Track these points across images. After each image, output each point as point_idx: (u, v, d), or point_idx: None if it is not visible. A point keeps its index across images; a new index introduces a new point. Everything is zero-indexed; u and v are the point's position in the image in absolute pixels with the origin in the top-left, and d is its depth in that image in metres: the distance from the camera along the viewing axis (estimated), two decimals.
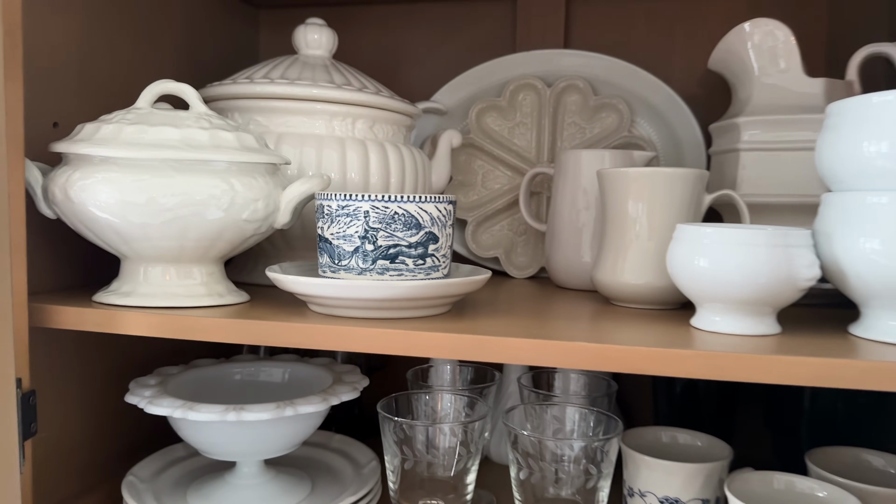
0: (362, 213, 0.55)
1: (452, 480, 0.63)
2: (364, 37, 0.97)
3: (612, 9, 0.91)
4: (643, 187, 0.63)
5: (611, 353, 0.49)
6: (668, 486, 0.63)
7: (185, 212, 0.56)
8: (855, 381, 0.46)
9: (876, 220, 0.49)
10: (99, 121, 0.59)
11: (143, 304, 0.58)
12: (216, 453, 0.64)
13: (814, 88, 0.70)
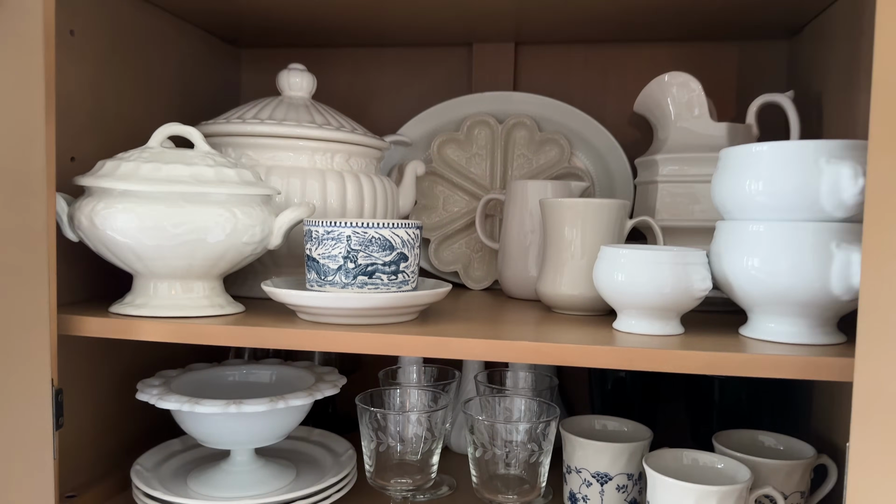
0: (345, 237, 0.66)
1: (419, 463, 0.74)
2: (337, 76, 1.08)
3: (554, 57, 1.03)
4: (576, 215, 0.75)
5: (550, 350, 0.60)
6: (599, 463, 0.74)
7: (194, 236, 0.65)
8: (737, 369, 0.58)
9: (756, 243, 0.62)
10: (117, 158, 0.68)
11: (156, 314, 0.68)
12: (215, 443, 0.74)
13: (719, 132, 0.83)
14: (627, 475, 0.75)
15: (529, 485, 0.71)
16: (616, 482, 0.74)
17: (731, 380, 0.85)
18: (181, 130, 0.71)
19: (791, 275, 0.59)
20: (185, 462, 0.82)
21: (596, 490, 0.75)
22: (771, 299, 0.62)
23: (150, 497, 0.71)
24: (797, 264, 0.59)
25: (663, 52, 1.00)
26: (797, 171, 0.59)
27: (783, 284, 0.60)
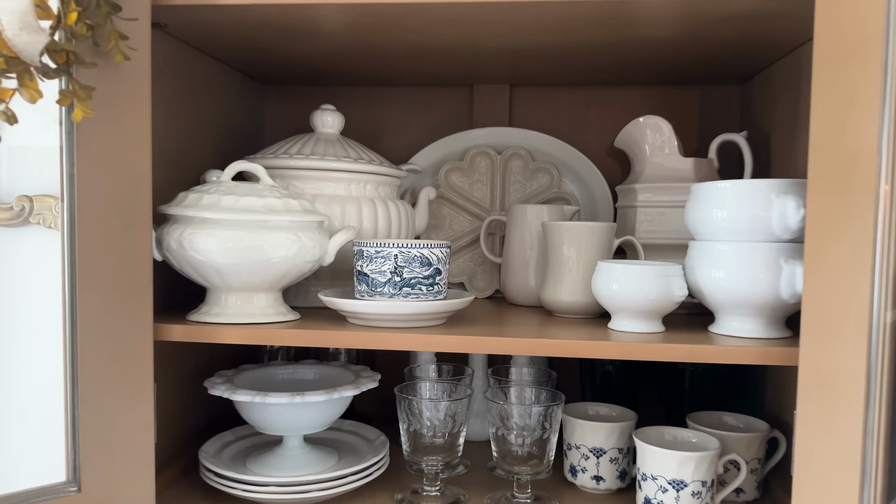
0: (392, 256, 0.79)
1: (446, 443, 0.87)
2: (353, 110, 1.20)
3: (543, 97, 1.18)
4: (573, 236, 0.90)
5: (564, 345, 0.74)
6: (595, 440, 0.89)
7: (266, 256, 0.78)
8: (709, 357, 0.74)
9: (721, 259, 0.77)
10: (197, 191, 0.80)
11: (232, 321, 0.80)
12: (276, 430, 0.86)
13: (686, 165, 0.99)
14: (618, 449, 0.89)
15: (538, 459, 0.85)
16: (609, 455, 0.89)
17: (698, 370, 1.01)
18: (249, 167, 0.84)
19: (749, 284, 0.75)
20: (240, 449, 0.94)
21: (593, 462, 0.89)
22: (733, 303, 0.78)
23: (221, 476, 0.83)
24: (754, 276, 0.75)
25: (636, 95, 1.16)
26: (753, 203, 0.75)
27: (743, 292, 0.75)
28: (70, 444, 0.69)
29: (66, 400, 0.69)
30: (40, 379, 0.71)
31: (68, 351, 0.69)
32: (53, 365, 0.70)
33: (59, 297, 0.84)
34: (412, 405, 0.85)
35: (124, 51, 0.67)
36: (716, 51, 0.93)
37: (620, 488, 0.91)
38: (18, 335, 0.73)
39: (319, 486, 0.82)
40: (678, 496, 0.79)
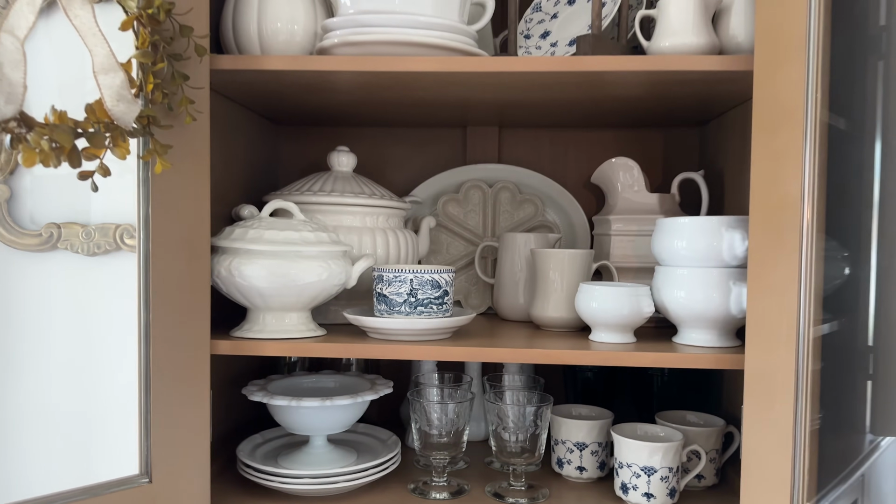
0: (408, 280, 0.93)
1: (452, 440, 1.00)
2: (361, 148, 1.33)
3: (528, 137, 1.33)
4: (558, 262, 1.04)
5: (555, 354, 0.89)
6: (578, 436, 1.03)
7: (302, 282, 0.91)
8: (673, 363, 0.88)
9: (682, 282, 0.92)
10: (242, 226, 0.93)
11: (271, 336, 0.93)
12: (306, 430, 0.98)
13: (652, 200, 1.14)
14: (598, 443, 1.03)
15: (530, 452, 0.99)
16: (590, 448, 1.03)
17: (665, 375, 1.16)
18: (284, 205, 0.97)
19: (705, 302, 0.90)
20: (270, 449, 1.06)
21: (577, 455, 1.03)
22: (692, 318, 0.93)
23: (259, 471, 0.95)
24: (708, 295, 0.90)
25: (609, 136, 1.31)
26: (707, 236, 0.90)
27: (700, 309, 0.90)
28: (144, 442, 0.81)
29: (140, 405, 0.81)
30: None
31: (143, 362, 0.81)
32: (82, 374, 0.82)
33: (88, 314, 0.97)
34: (423, 408, 0.99)
35: (192, 113, 0.80)
36: (676, 104, 1.08)
37: (600, 477, 1.05)
38: (43, 350, 0.86)
39: (345, 479, 0.95)
40: (649, 480, 0.93)
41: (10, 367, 1.03)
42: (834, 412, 1.07)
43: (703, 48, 0.89)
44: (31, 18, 0.68)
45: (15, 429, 1.00)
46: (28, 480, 0.91)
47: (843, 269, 1.08)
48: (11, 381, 1.04)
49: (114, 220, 1.35)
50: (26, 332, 1.09)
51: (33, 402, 1.02)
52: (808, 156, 0.74)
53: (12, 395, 1.04)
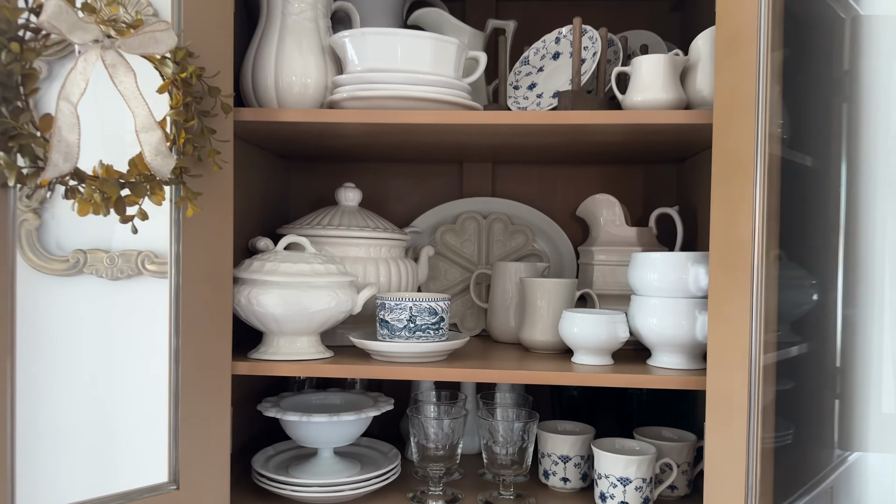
0: (408, 307, 1.03)
1: (447, 453, 1.10)
2: (364, 182, 1.43)
3: (519, 173, 1.43)
4: (545, 290, 1.14)
5: (534, 374, 0.98)
6: (562, 449, 1.12)
7: (313, 309, 1.01)
8: (646, 384, 0.98)
9: (654, 310, 1.02)
10: (259, 259, 1.03)
11: (284, 358, 1.02)
12: (315, 443, 1.08)
13: (631, 233, 1.24)
14: (581, 456, 1.13)
15: (518, 464, 1.08)
16: (574, 461, 1.12)
17: (643, 394, 1.25)
18: (297, 239, 1.07)
19: (674, 329, 1.00)
20: (281, 460, 1.15)
21: (561, 467, 1.13)
22: (663, 343, 1.02)
23: (273, 480, 1.05)
24: (677, 323, 1.00)
25: (593, 172, 1.42)
26: (676, 270, 1.00)
27: (670, 335, 1.00)
28: (172, 453, 0.90)
29: (169, 419, 0.91)
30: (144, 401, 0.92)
31: (172, 382, 0.91)
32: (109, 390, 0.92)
33: (112, 334, 1.07)
34: (421, 423, 1.08)
35: (218, 163, 0.90)
36: (652, 147, 1.19)
37: (583, 487, 1.14)
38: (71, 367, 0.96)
39: (350, 487, 1.04)
40: (625, 490, 1.03)
41: (40, 383, 1.12)
42: (804, 428, 1.16)
43: (671, 103, 0.99)
44: (82, 86, 0.79)
45: (49, 440, 1.09)
46: (59, 489, 1.01)
47: (812, 296, 1.18)
48: (43, 396, 1.14)
49: (136, 247, 1.46)
50: (55, 350, 1.20)
51: (62, 415, 1.11)
52: (757, 203, 0.84)
53: (44, 410, 1.13)
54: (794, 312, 1.17)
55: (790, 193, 1.02)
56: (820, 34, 1.11)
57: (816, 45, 1.13)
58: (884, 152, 1.03)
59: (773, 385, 0.91)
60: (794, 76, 1.06)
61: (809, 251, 1.17)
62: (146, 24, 0.81)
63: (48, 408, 1.11)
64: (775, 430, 1.03)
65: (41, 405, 1.08)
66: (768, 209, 0.86)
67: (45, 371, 1.12)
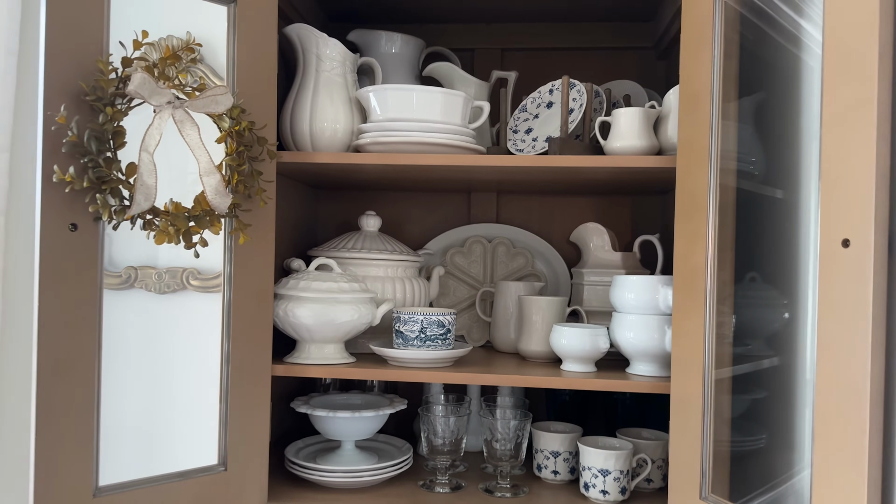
0: (420, 321, 1.19)
1: (453, 447, 1.26)
2: (383, 208, 1.60)
3: (521, 202, 1.60)
4: (540, 307, 1.31)
5: (529, 379, 1.14)
6: (553, 446, 1.28)
7: (339, 321, 1.18)
8: (625, 388, 1.13)
9: (631, 325, 1.18)
10: (294, 277, 1.20)
11: (314, 362, 1.19)
12: (339, 436, 1.24)
13: (618, 258, 1.40)
14: (569, 452, 1.28)
15: (514, 458, 1.24)
16: (563, 456, 1.28)
17: (626, 398, 1.40)
18: (326, 261, 1.24)
19: (648, 341, 1.16)
20: (309, 452, 1.32)
21: (552, 461, 1.28)
22: (639, 354, 1.18)
23: (305, 467, 1.21)
24: (650, 336, 1.15)
25: (586, 202, 1.58)
26: (649, 291, 1.16)
27: (643, 346, 1.16)
28: (222, 439, 1.08)
29: (220, 412, 1.08)
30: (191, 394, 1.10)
31: (224, 380, 1.08)
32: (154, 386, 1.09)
33: (159, 342, 1.22)
34: (430, 420, 1.24)
35: (264, 199, 1.08)
36: (639, 183, 1.35)
37: (571, 480, 1.29)
38: (127, 368, 1.13)
39: (370, 474, 1.21)
40: (605, 480, 1.18)
41: (105, 382, 1.30)
42: (779, 433, 1.31)
43: (644, 149, 1.15)
44: (157, 137, 0.97)
45: (117, 430, 1.27)
46: (130, 466, 1.17)
47: (783, 314, 1.33)
48: (106, 393, 1.32)
49: (181, 265, 1.65)
50: (110, 354, 1.39)
51: (124, 408, 1.29)
52: (710, 236, 1.00)
53: (109, 404, 1.31)
54: (768, 328, 1.32)
55: (762, 222, 1.17)
56: (783, 78, 1.26)
57: (782, 89, 1.28)
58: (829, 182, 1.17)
59: (728, 391, 1.07)
60: (763, 118, 1.22)
61: (782, 274, 1.32)
62: (208, 88, 0.99)
63: (110, 402, 1.28)
64: (747, 435, 1.18)
65: (106, 400, 1.25)
66: (720, 241, 1.01)
67: (107, 371, 1.29)
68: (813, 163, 1.28)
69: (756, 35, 1.13)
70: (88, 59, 0.93)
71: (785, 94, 1.31)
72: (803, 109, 1.28)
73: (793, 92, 1.28)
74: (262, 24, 1.10)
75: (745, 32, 1.10)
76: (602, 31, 1.53)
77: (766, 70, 1.18)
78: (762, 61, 1.17)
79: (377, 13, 1.51)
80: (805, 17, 1.02)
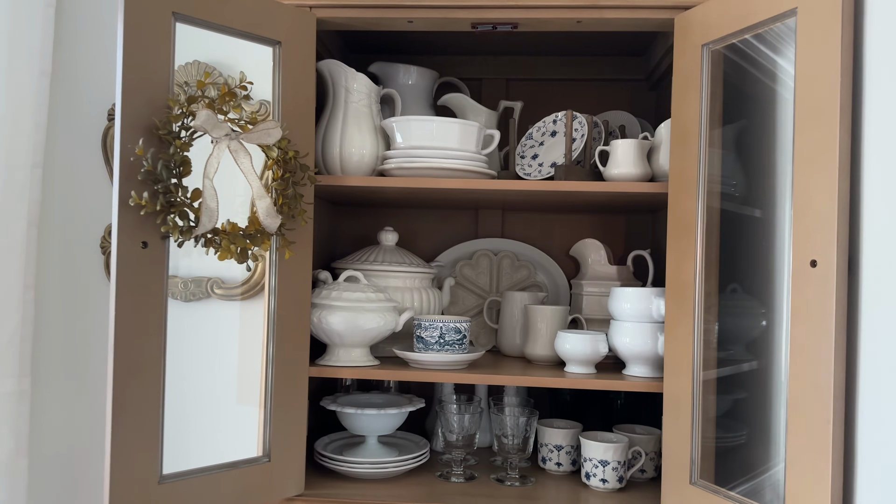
0: (439, 327, 1.32)
1: (466, 441, 1.38)
2: (397, 223, 1.73)
3: (524, 218, 1.73)
4: (544, 316, 1.44)
5: (534, 380, 1.27)
6: (557, 440, 1.41)
7: (366, 327, 1.30)
8: (622, 387, 1.27)
9: (627, 332, 1.31)
10: (326, 288, 1.32)
11: (344, 364, 1.32)
12: (364, 431, 1.37)
13: (613, 271, 1.54)
14: (571, 446, 1.42)
15: (521, 451, 1.37)
16: (565, 450, 1.41)
17: (622, 398, 1.54)
18: (353, 274, 1.37)
19: (642, 346, 1.29)
20: (335, 446, 1.44)
21: (555, 454, 1.41)
22: (634, 357, 1.32)
23: (334, 459, 1.33)
24: (644, 342, 1.29)
25: (585, 219, 1.72)
26: (643, 301, 1.29)
27: (638, 350, 1.30)
28: (266, 432, 1.19)
29: (263, 408, 1.20)
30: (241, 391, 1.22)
31: (268, 379, 1.20)
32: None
33: (184, 346, 1.33)
34: (446, 418, 1.37)
35: (304, 219, 1.21)
36: (632, 203, 1.49)
37: (572, 471, 1.43)
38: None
39: (393, 465, 1.33)
40: (604, 470, 1.31)
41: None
42: (758, 429, 1.44)
43: (639, 176, 1.29)
44: (216, 165, 1.09)
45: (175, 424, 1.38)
46: (188, 456, 1.27)
47: (761, 322, 1.47)
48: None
49: (205, 275, 1.77)
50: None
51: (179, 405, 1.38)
52: (698, 254, 1.14)
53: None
54: (747, 335, 1.46)
55: (743, 239, 1.30)
56: (761, 108, 1.40)
57: (760, 117, 1.42)
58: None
59: (713, 391, 1.20)
60: (744, 144, 1.35)
61: (761, 286, 1.46)
62: (261, 122, 1.12)
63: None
64: (730, 431, 1.32)
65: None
66: (706, 258, 1.15)
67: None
68: (787, 184, 1.42)
69: (737, 71, 1.27)
70: (158, 98, 1.05)
71: (763, 122, 1.45)
72: (779, 136, 1.42)
73: (770, 120, 1.42)
74: (302, 62, 1.23)
75: (728, 69, 1.24)
76: (598, 64, 1.68)
77: (746, 101, 1.32)
78: (743, 93, 1.31)
79: (393, 45, 1.64)
80: (781, 55, 1.16)
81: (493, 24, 1.28)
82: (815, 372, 0.94)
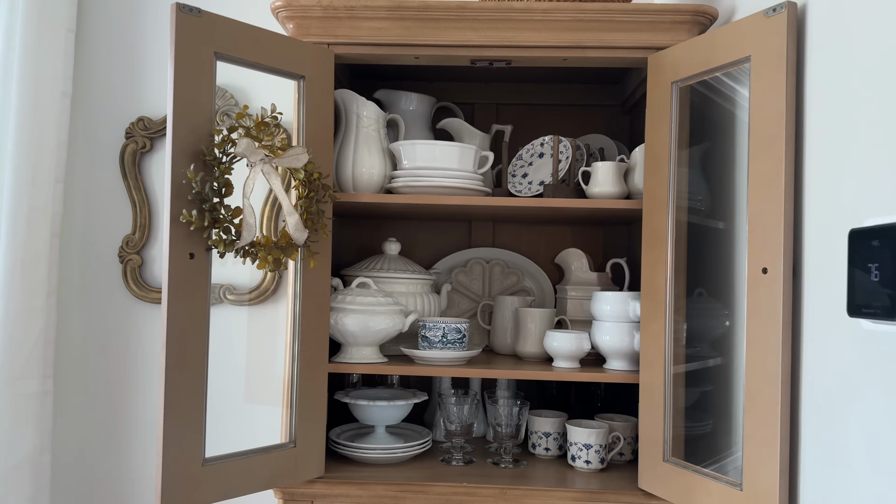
0: (442, 327, 1.48)
1: (464, 430, 1.54)
2: (396, 233, 1.88)
3: (513, 229, 1.90)
4: (533, 317, 1.60)
5: (524, 374, 1.44)
6: (545, 428, 1.57)
7: (376, 328, 1.45)
8: (604, 378, 1.44)
9: (607, 330, 1.48)
10: (341, 293, 1.48)
11: (356, 361, 1.47)
12: (374, 421, 1.52)
13: (593, 277, 1.71)
14: (558, 433, 1.58)
15: (514, 438, 1.53)
16: (553, 436, 1.58)
17: (602, 391, 1.71)
18: (365, 280, 1.52)
19: (620, 343, 1.46)
20: (349, 434, 1.58)
21: (544, 440, 1.58)
22: (613, 353, 1.49)
23: (347, 446, 1.48)
24: (622, 339, 1.46)
25: (568, 230, 1.89)
26: (621, 303, 1.47)
27: (617, 347, 1.47)
28: (292, 420, 1.34)
29: (291, 399, 1.35)
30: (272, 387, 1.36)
31: (293, 374, 1.34)
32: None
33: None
34: (447, 409, 1.53)
35: (325, 233, 1.36)
36: (610, 217, 1.67)
37: (559, 455, 1.59)
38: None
39: (401, 450, 1.48)
40: (588, 452, 1.48)
41: None
42: (721, 417, 1.62)
43: (617, 194, 1.47)
44: (252, 186, 1.24)
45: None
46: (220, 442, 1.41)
47: (725, 322, 1.65)
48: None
49: (218, 282, 1.92)
50: (147, 362, 1.63)
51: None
52: (668, 262, 1.32)
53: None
54: (712, 334, 1.64)
55: (707, 248, 1.48)
56: (722, 130, 1.59)
57: (722, 138, 1.61)
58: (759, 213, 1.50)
59: (682, 383, 1.38)
60: (708, 162, 1.53)
61: (723, 291, 1.64)
62: (290, 148, 1.27)
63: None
64: (697, 421, 1.49)
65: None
66: (676, 265, 1.33)
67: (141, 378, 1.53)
68: (745, 200, 1.60)
69: (703, 100, 1.45)
70: (202, 127, 1.20)
71: (725, 144, 1.64)
72: (738, 157, 1.61)
73: (730, 142, 1.60)
74: (322, 94, 1.38)
75: (695, 98, 1.42)
76: (578, 91, 1.85)
77: (710, 125, 1.50)
78: (708, 118, 1.49)
79: (395, 72, 1.80)
80: (741, 85, 1.33)
81: (489, 61, 1.45)
82: (766, 362, 1.12)
